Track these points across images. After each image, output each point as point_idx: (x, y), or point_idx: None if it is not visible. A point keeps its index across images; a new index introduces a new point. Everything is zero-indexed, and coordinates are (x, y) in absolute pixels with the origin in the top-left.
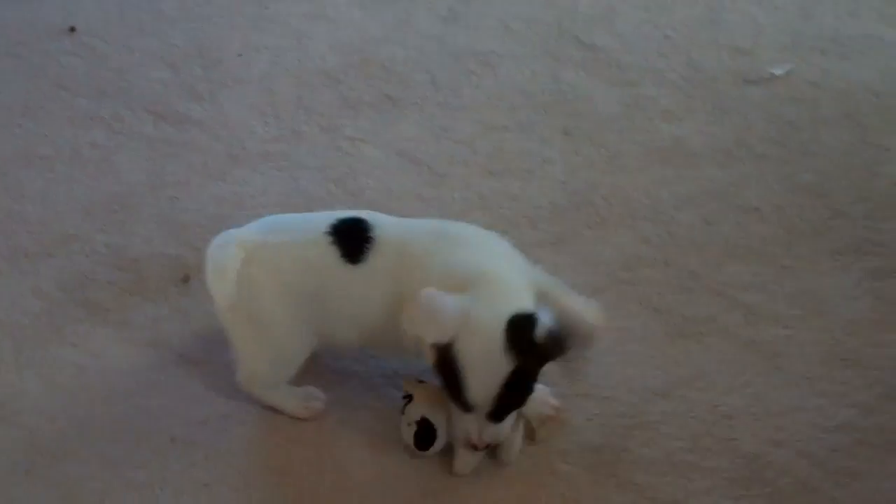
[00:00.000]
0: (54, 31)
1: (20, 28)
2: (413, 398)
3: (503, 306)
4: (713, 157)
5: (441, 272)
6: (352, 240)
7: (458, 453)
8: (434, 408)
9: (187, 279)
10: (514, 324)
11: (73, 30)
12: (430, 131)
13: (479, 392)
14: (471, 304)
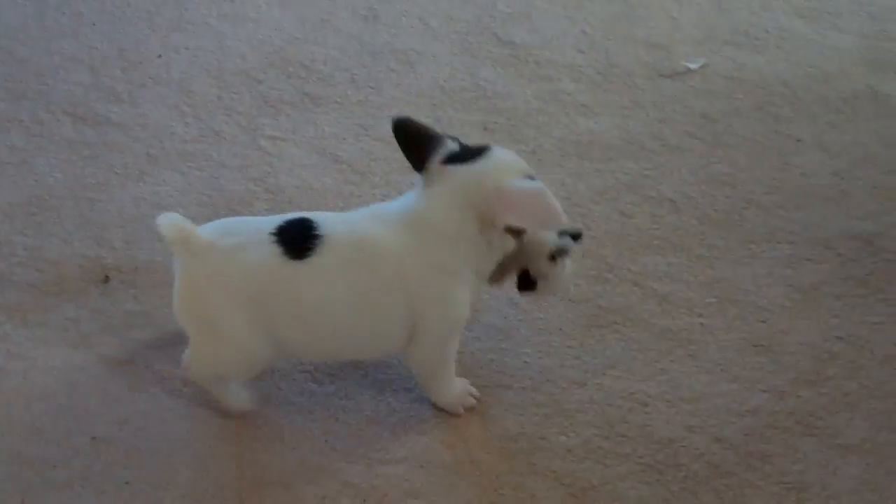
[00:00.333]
0: None
1: None
2: None
3: None
4: (629, 150)
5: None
6: (297, 238)
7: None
8: None
9: (107, 280)
10: None
11: None
12: (351, 129)
13: None
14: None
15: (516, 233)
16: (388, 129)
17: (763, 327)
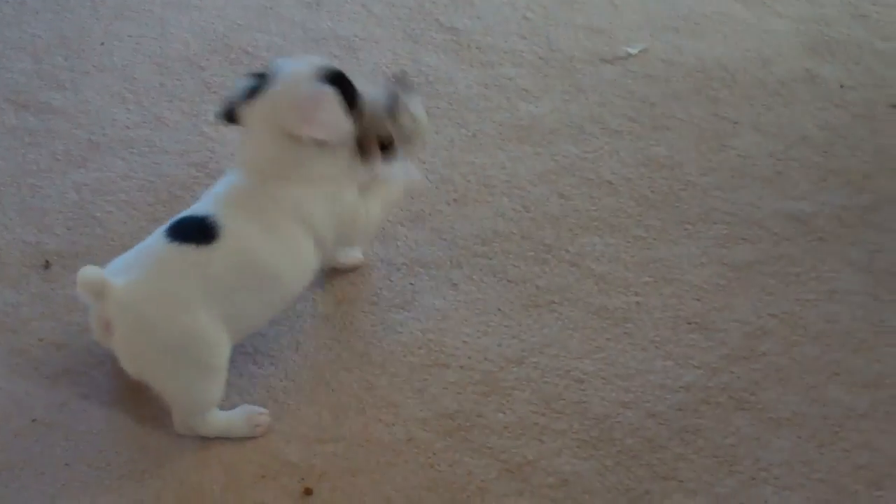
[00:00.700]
0: None
1: None
2: None
3: None
4: (568, 133)
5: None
6: (194, 229)
7: None
8: None
9: (48, 265)
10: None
11: None
12: None
13: None
14: None
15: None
16: None
17: (698, 305)
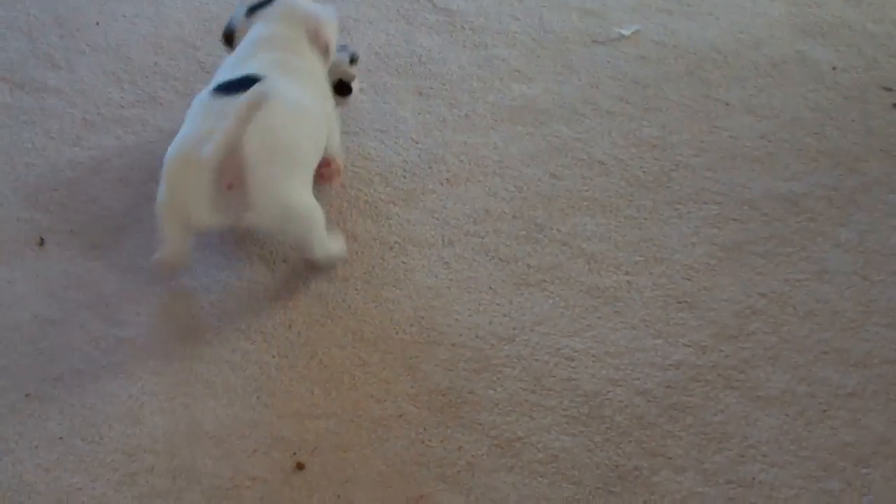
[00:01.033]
0: None
1: None
2: None
3: None
4: (561, 114)
5: None
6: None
7: None
8: None
9: (42, 242)
10: None
11: None
12: None
13: None
14: None
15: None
16: None
17: (688, 284)
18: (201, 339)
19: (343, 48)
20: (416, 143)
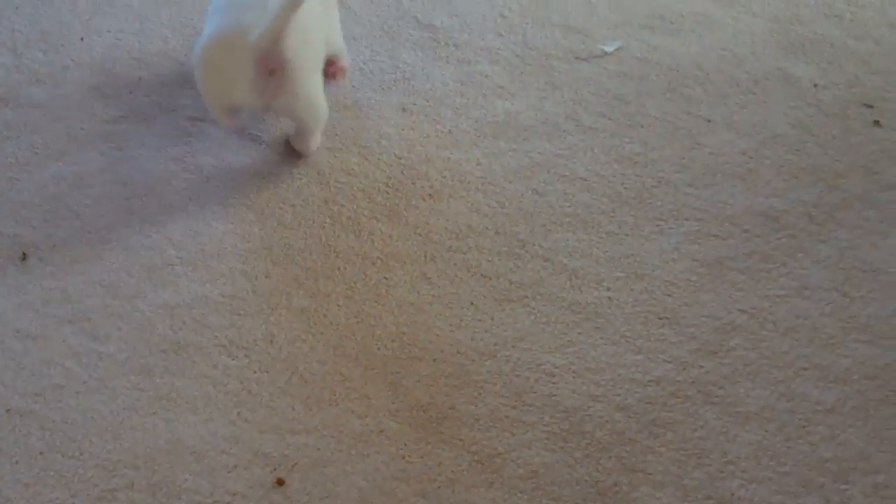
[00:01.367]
0: None
1: None
2: None
3: None
4: (543, 130)
5: None
6: None
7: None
8: None
9: (25, 257)
10: None
11: None
12: None
13: None
14: None
15: None
16: None
17: (668, 300)
18: (182, 355)
19: None
20: (399, 158)
